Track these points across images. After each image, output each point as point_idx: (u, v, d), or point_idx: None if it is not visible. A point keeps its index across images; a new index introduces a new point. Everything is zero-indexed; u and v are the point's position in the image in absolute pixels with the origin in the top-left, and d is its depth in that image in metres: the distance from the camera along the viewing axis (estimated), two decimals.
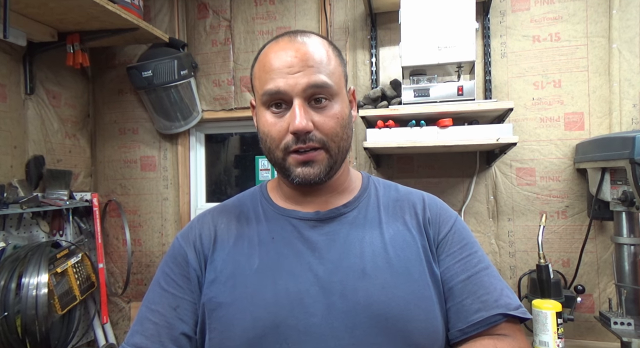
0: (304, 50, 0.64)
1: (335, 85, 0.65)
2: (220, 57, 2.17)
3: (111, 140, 2.31)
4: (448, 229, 0.71)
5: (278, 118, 0.65)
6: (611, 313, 1.44)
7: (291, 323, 0.60)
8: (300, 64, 0.63)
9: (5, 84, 1.82)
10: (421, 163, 1.92)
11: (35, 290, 1.60)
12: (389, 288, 0.62)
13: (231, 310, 0.63)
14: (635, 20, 1.71)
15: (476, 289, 0.66)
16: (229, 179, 2.46)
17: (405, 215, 0.72)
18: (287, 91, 0.62)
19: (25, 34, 1.77)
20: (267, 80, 0.64)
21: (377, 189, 0.77)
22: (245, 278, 0.65)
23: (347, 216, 0.70)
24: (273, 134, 0.65)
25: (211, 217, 0.75)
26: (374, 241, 0.67)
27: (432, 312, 0.63)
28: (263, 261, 0.66)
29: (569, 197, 1.78)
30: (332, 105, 0.65)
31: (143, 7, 1.94)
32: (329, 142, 0.65)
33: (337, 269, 0.64)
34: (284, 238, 0.68)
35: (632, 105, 1.71)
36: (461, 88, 1.60)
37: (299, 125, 0.61)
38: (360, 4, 1.99)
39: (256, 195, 0.77)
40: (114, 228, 2.30)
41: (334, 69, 0.66)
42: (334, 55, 0.68)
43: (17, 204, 1.67)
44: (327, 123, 0.64)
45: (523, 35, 1.82)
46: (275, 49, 0.65)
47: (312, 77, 0.62)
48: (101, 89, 2.33)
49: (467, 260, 0.68)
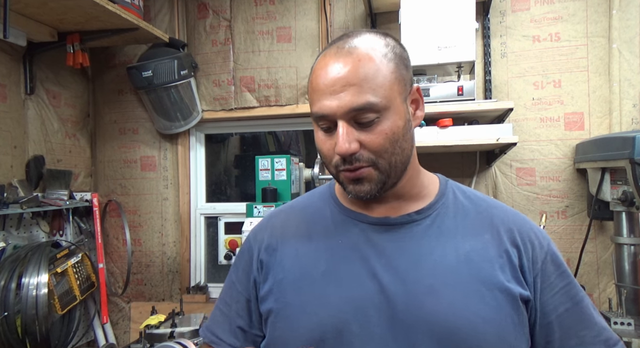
0: (350, 65, 0.60)
1: (384, 100, 0.60)
2: (220, 57, 2.17)
3: (111, 140, 2.31)
4: (544, 256, 0.65)
5: (327, 137, 0.63)
6: (611, 313, 1.44)
7: (354, 330, 0.60)
8: (341, 82, 0.59)
9: (5, 84, 1.82)
10: (421, 163, 1.90)
11: (35, 290, 1.60)
12: (457, 308, 0.59)
13: (297, 310, 0.64)
14: (635, 20, 1.71)
15: (574, 324, 0.63)
16: (229, 179, 2.46)
17: (485, 234, 0.66)
18: (329, 114, 0.60)
19: (25, 34, 1.77)
20: (314, 101, 0.63)
21: (455, 196, 0.71)
22: (313, 281, 0.65)
23: (420, 224, 0.66)
24: (324, 152, 0.64)
25: (280, 218, 0.76)
26: (447, 255, 0.63)
27: (504, 340, 0.59)
28: (329, 265, 0.65)
29: (569, 197, 1.78)
30: (380, 120, 0.60)
31: (143, 7, 1.94)
32: (377, 160, 0.61)
33: (404, 280, 0.61)
34: (351, 242, 0.66)
35: (632, 105, 1.71)
36: (461, 88, 1.60)
37: (341, 149, 0.59)
38: (360, 4, 1.99)
39: (325, 195, 0.76)
40: (114, 228, 2.30)
41: (382, 82, 0.60)
42: (385, 62, 0.62)
43: (17, 204, 1.67)
44: (375, 141, 0.60)
45: (523, 35, 1.82)
46: (321, 63, 0.63)
47: (354, 99, 0.59)
48: (101, 89, 2.33)
49: (566, 290, 0.64)
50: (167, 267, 2.24)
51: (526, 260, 0.64)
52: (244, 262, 0.75)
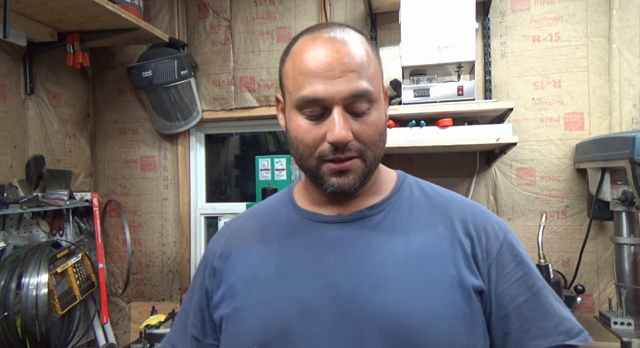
0: (345, 52, 0.58)
1: (376, 91, 0.60)
2: (220, 57, 2.17)
3: (111, 140, 2.31)
4: (499, 246, 0.63)
5: (314, 125, 0.60)
6: (611, 313, 1.44)
7: (300, 331, 0.59)
8: (341, 67, 0.57)
9: (5, 84, 1.82)
10: (421, 163, 1.92)
11: (35, 290, 1.60)
12: (405, 302, 0.58)
13: (244, 315, 0.63)
14: (635, 20, 1.71)
15: (533, 314, 0.61)
16: (229, 179, 2.46)
17: (439, 226, 0.65)
18: (326, 98, 0.57)
19: (25, 34, 1.77)
20: (303, 84, 0.59)
21: (412, 191, 0.70)
22: (261, 284, 0.64)
23: (371, 219, 0.65)
24: (307, 141, 0.60)
25: (238, 223, 0.76)
26: (396, 249, 0.62)
27: (456, 334, 0.57)
28: (279, 266, 0.64)
29: (569, 197, 1.78)
30: (371, 111, 0.60)
31: (143, 7, 1.94)
32: (366, 151, 0.60)
33: (352, 277, 0.60)
34: (303, 241, 0.66)
35: (632, 105, 1.71)
36: (461, 88, 1.60)
37: (338, 136, 0.57)
38: (360, 4, 1.99)
39: (284, 198, 0.75)
40: (114, 228, 2.30)
41: (374, 72, 0.61)
42: (373, 55, 0.63)
43: (17, 204, 1.67)
44: (366, 131, 0.60)
45: (523, 35, 1.82)
46: (312, 46, 0.60)
47: (353, 85, 0.57)
48: (101, 89, 2.33)
49: (523, 280, 0.62)
50: (167, 267, 2.24)
51: (479, 250, 0.62)
52: (201, 271, 0.74)
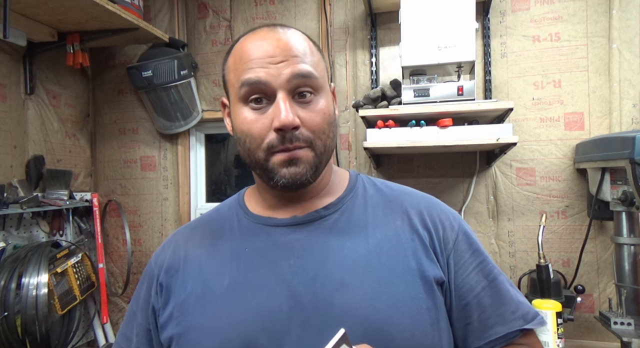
0: (286, 40, 0.58)
1: (321, 78, 0.60)
2: (220, 57, 2.16)
3: (111, 140, 2.31)
4: (455, 236, 0.64)
5: (259, 114, 0.58)
6: (611, 313, 1.44)
7: (263, 343, 0.55)
8: (283, 53, 0.57)
9: (5, 84, 1.82)
10: (421, 163, 1.92)
11: (35, 290, 1.60)
12: (369, 300, 0.56)
13: (199, 333, 0.58)
14: (635, 20, 1.70)
15: (491, 301, 0.61)
16: (229, 179, 2.46)
17: (396, 220, 0.64)
18: (269, 81, 0.56)
19: (25, 34, 1.77)
20: (244, 70, 0.57)
21: (365, 189, 0.69)
22: (215, 298, 0.59)
23: (327, 219, 0.63)
24: (254, 132, 0.58)
25: (184, 233, 0.71)
26: (356, 248, 0.60)
27: (421, 328, 0.56)
28: (234, 277, 0.60)
29: (569, 197, 1.78)
30: (317, 99, 0.59)
31: (143, 7, 1.94)
32: (315, 140, 0.59)
33: (313, 280, 0.57)
34: (258, 248, 0.62)
35: (632, 105, 1.71)
36: (461, 88, 1.60)
37: (285, 120, 0.54)
38: (360, 4, 1.99)
39: (233, 204, 0.71)
40: (114, 228, 2.30)
41: (318, 61, 0.61)
42: (315, 49, 0.63)
43: (17, 204, 1.67)
44: (314, 119, 0.58)
45: (523, 35, 1.82)
46: (253, 38, 0.60)
47: (296, 67, 0.57)
48: (101, 89, 2.33)
49: (480, 268, 0.63)
50: None
51: (437, 241, 0.62)
52: (144, 288, 0.68)
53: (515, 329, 0.61)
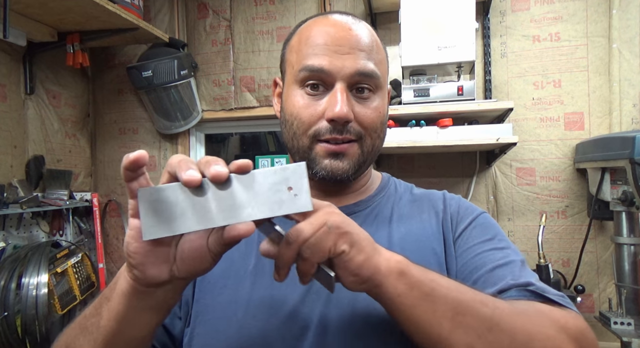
0: (356, 31, 0.57)
1: (382, 78, 0.59)
2: (220, 57, 2.17)
3: (111, 140, 2.31)
4: (469, 222, 0.61)
5: (313, 100, 0.56)
6: (611, 313, 1.44)
7: (282, 333, 0.53)
8: (350, 44, 0.56)
9: (5, 84, 1.82)
10: (421, 163, 1.92)
11: (35, 290, 1.60)
12: None
13: (217, 313, 0.56)
14: (635, 20, 1.70)
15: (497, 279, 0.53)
16: None
17: (423, 214, 0.63)
18: (331, 72, 0.55)
19: (25, 34, 1.77)
20: (308, 55, 0.56)
21: (397, 189, 0.69)
22: (238, 280, 0.58)
23: (358, 215, 0.62)
24: (303, 117, 0.56)
25: None
26: (379, 241, 0.56)
27: None
28: (260, 260, 0.58)
29: (569, 197, 1.78)
30: (374, 97, 0.58)
31: (143, 7, 1.94)
32: (365, 137, 0.57)
33: None
34: None
35: (632, 105, 1.71)
36: (461, 88, 1.60)
37: (340, 112, 0.53)
38: (360, 4, 1.99)
39: None
40: (114, 228, 2.30)
41: (382, 60, 0.60)
42: (382, 47, 0.62)
43: (17, 204, 1.67)
44: (369, 115, 0.57)
45: (523, 35, 1.82)
46: (323, 23, 0.58)
47: (361, 63, 0.55)
48: (101, 89, 2.33)
49: (492, 253, 0.57)
50: None
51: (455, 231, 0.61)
52: None
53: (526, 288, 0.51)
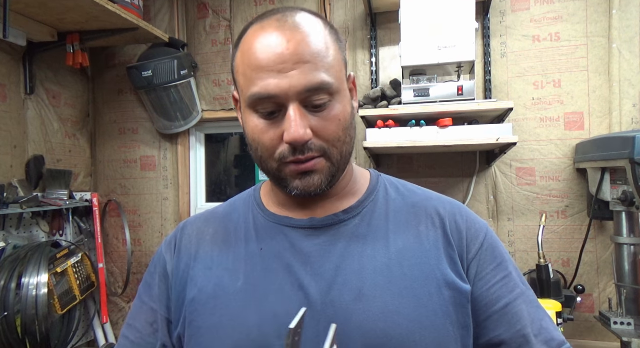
0: (298, 40, 0.52)
1: (336, 82, 0.54)
2: (220, 57, 2.17)
3: (111, 140, 2.31)
4: (479, 246, 0.60)
5: (270, 125, 0.54)
6: (611, 313, 1.44)
7: None
8: (293, 58, 0.51)
9: (5, 84, 1.82)
10: (421, 163, 1.92)
11: (35, 290, 1.60)
12: (389, 313, 0.53)
13: (210, 336, 0.55)
14: (635, 20, 1.70)
15: (515, 321, 0.57)
16: (229, 179, 2.46)
17: (420, 226, 0.60)
18: (279, 95, 0.52)
19: (25, 34, 1.77)
20: (253, 80, 0.53)
21: (387, 192, 0.65)
22: (228, 299, 0.56)
23: (347, 224, 0.60)
24: (265, 143, 0.55)
25: (197, 224, 0.67)
26: (376, 255, 0.57)
27: (444, 344, 0.53)
28: (248, 278, 0.57)
29: (569, 197, 1.78)
30: (332, 105, 0.54)
31: (143, 7, 1.94)
32: (330, 149, 0.55)
33: (330, 288, 0.54)
34: (274, 249, 0.59)
35: (632, 105, 1.71)
36: (461, 88, 1.60)
37: (295, 135, 0.51)
38: (360, 4, 1.99)
39: (249, 200, 0.67)
40: (114, 228, 2.30)
41: (333, 61, 0.55)
42: (332, 41, 0.56)
43: (17, 204, 1.67)
44: (328, 128, 0.54)
45: (523, 35, 1.82)
46: (260, 36, 0.53)
47: (309, 77, 0.52)
48: (101, 89, 2.33)
49: (503, 284, 0.58)
50: None
51: (459, 249, 0.59)
52: (157, 275, 0.65)
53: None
